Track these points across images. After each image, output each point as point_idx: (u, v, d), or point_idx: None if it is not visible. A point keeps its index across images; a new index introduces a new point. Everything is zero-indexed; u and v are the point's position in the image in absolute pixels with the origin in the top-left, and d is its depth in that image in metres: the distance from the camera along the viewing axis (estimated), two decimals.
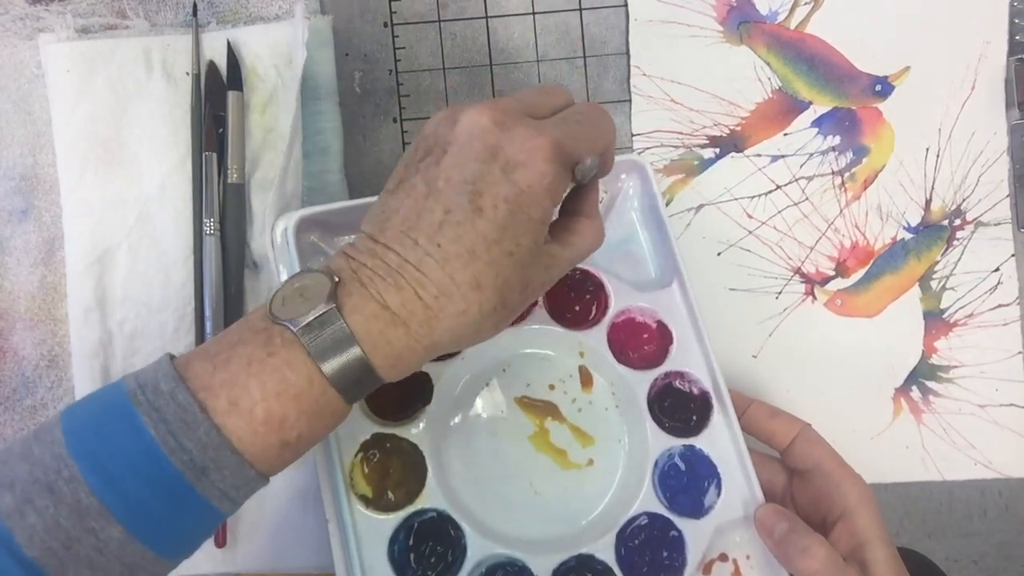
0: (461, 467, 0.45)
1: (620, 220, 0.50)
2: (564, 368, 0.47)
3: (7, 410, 0.50)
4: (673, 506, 0.45)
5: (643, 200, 0.50)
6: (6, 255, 0.51)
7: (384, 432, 0.44)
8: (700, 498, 0.45)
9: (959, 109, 0.54)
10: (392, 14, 0.54)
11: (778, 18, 0.54)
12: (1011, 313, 0.54)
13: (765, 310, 0.54)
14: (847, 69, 0.54)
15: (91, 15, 0.51)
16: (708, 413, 0.46)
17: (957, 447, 0.53)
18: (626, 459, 0.46)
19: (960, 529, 0.53)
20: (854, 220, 0.54)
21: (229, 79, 0.50)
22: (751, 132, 0.54)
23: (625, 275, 0.49)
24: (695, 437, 0.46)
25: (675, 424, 0.46)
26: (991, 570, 0.53)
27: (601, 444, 0.47)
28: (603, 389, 0.47)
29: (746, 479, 0.45)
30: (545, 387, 0.47)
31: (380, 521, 0.43)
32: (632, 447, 0.46)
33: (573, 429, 0.47)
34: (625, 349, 0.47)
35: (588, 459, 0.46)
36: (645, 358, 0.47)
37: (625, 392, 0.47)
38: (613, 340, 0.47)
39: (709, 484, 0.45)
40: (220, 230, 0.49)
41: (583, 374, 0.47)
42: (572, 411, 0.47)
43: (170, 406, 0.31)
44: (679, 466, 0.45)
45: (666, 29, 0.54)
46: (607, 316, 0.47)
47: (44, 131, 0.51)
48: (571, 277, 0.48)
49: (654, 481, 0.45)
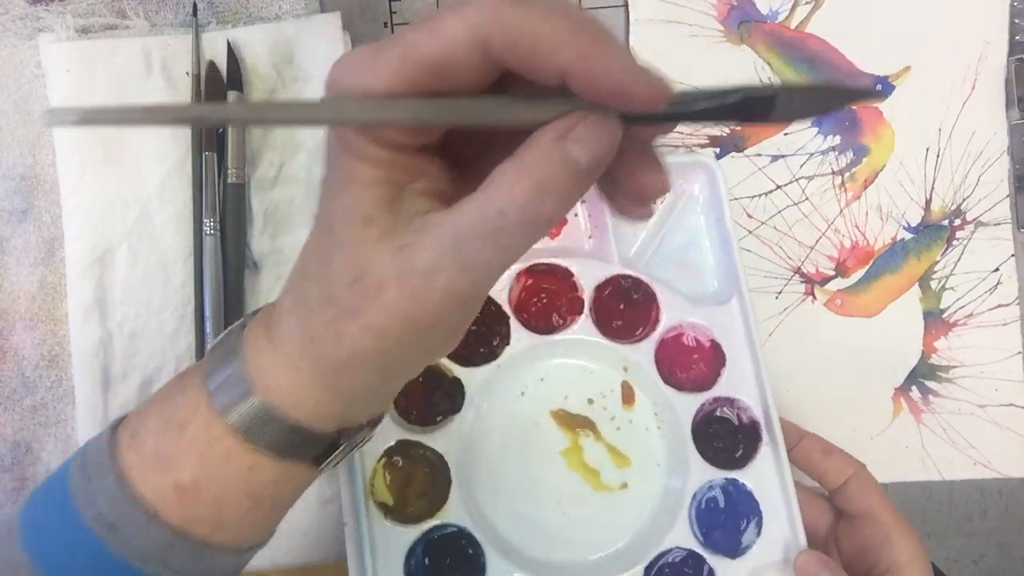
0: (487, 481, 0.44)
1: (682, 223, 0.47)
2: (605, 383, 0.45)
3: (7, 410, 0.50)
4: (708, 542, 0.42)
5: (709, 205, 0.47)
6: (6, 255, 0.51)
7: (410, 439, 0.42)
8: (738, 536, 0.42)
9: (959, 109, 0.54)
10: (392, 14, 0.54)
11: (779, 18, 0.54)
12: (1011, 313, 0.54)
13: (765, 310, 0.54)
14: (848, 69, 0.54)
15: (91, 15, 0.51)
16: (756, 445, 0.43)
17: (957, 447, 0.53)
18: (663, 486, 0.44)
19: (960, 529, 0.53)
20: (854, 220, 0.54)
21: (229, 79, 0.50)
22: (751, 132, 0.54)
23: (680, 286, 0.46)
24: (739, 470, 0.43)
25: (719, 454, 0.43)
26: (991, 570, 0.53)
27: (638, 467, 0.44)
28: (646, 409, 0.45)
29: (789, 520, 0.43)
30: (584, 401, 0.45)
31: (399, 532, 0.41)
32: (671, 474, 0.44)
33: (609, 448, 0.44)
34: (673, 368, 0.45)
35: (622, 482, 0.44)
36: (694, 380, 0.44)
37: (669, 414, 0.44)
38: (661, 357, 0.44)
39: (749, 522, 0.43)
40: (220, 230, 0.49)
41: (625, 390, 0.45)
42: (610, 429, 0.45)
43: (92, 454, 0.29)
44: (719, 500, 0.43)
45: (666, 29, 0.54)
46: (657, 331, 0.44)
47: (44, 131, 0.50)
48: (619, 285, 0.45)
49: (691, 514, 0.42)
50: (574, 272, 0.45)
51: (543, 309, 0.45)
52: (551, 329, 0.44)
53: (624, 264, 0.46)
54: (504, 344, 0.44)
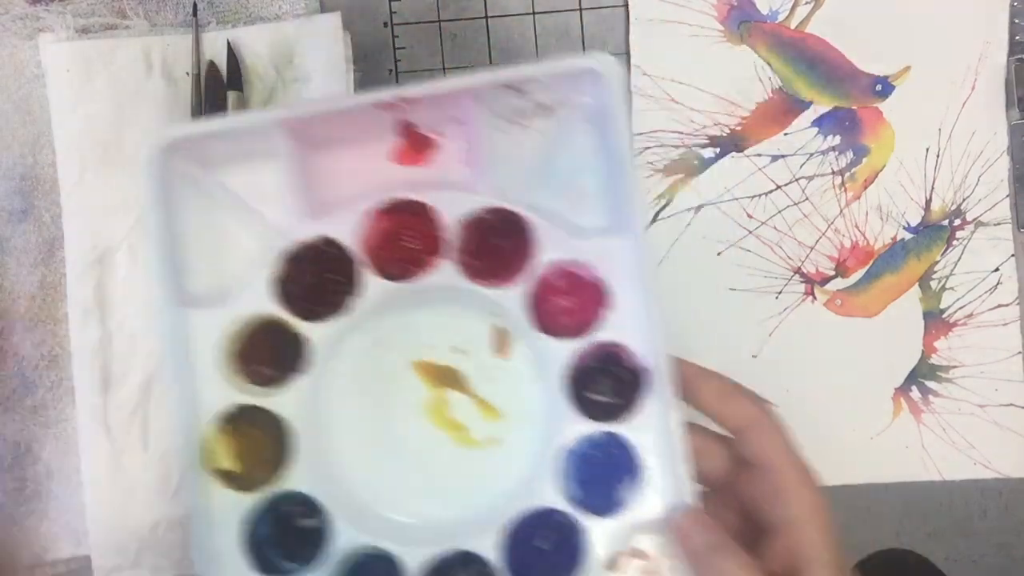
0: (339, 442, 0.39)
1: (567, 142, 0.40)
2: (473, 330, 0.40)
3: (7, 410, 0.50)
4: (579, 501, 0.38)
5: (602, 119, 0.39)
6: (6, 255, 0.51)
7: (249, 403, 0.38)
8: (614, 494, 0.38)
9: (959, 109, 0.54)
10: (392, 14, 0.54)
11: (779, 18, 0.54)
12: (1011, 313, 0.54)
13: (765, 310, 0.54)
14: (848, 69, 0.54)
15: (91, 15, 0.51)
16: (641, 396, 0.38)
17: (957, 447, 0.53)
18: (535, 442, 0.39)
19: (960, 529, 0.53)
20: (854, 220, 0.54)
21: (229, 79, 0.50)
22: (751, 132, 0.54)
23: (568, 218, 0.39)
24: (620, 423, 0.38)
25: (599, 406, 0.38)
26: (991, 570, 0.53)
27: (508, 421, 0.40)
28: (520, 357, 0.40)
29: (674, 476, 0.38)
30: (449, 351, 0.40)
31: (238, 500, 0.38)
32: (544, 428, 0.39)
33: (479, 401, 0.40)
34: (550, 312, 0.39)
35: (491, 437, 0.40)
36: (573, 324, 0.39)
37: (544, 363, 0.39)
38: (537, 300, 0.39)
39: (627, 478, 0.38)
40: None
41: (496, 337, 0.40)
42: (480, 380, 0.40)
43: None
44: (594, 455, 0.38)
45: (666, 28, 0.53)
46: (532, 268, 0.39)
47: (44, 131, 0.50)
48: (487, 220, 0.39)
49: (563, 471, 0.38)
50: (435, 208, 0.39)
51: (400, 252, 0.39)
52: (409, 274, 0.39)
53: (500, 195, 0.39)
54: (353, 294, 0.39)
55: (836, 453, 0.53)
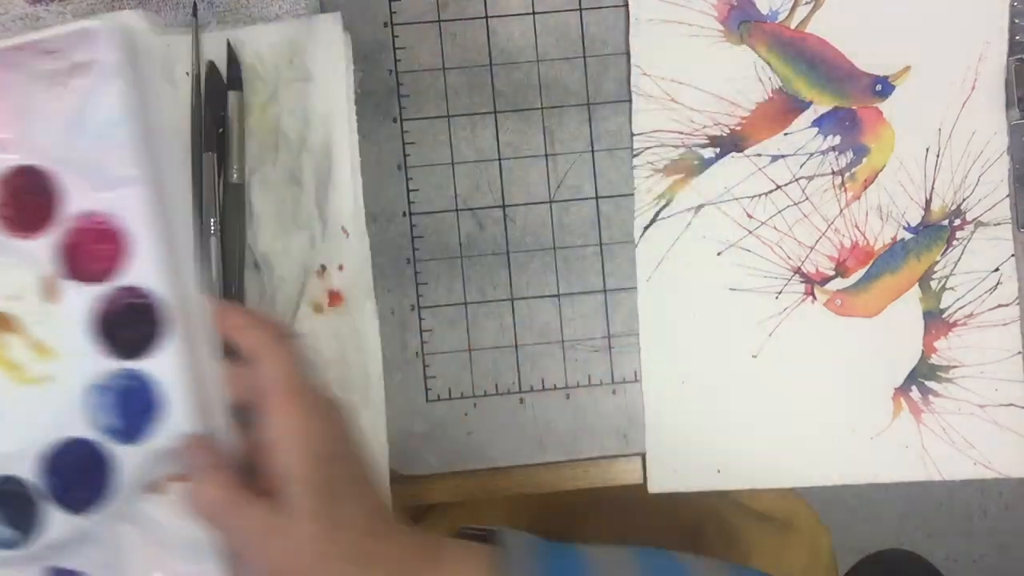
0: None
1: (101, 98, 0.42)
2: (25, 278, 0.44)
3: None
4: (108, 430, 0.43)
5: (128, 72, 0.42)
6: None
7: None
8: (141, 424, 0.43)
9: (959, 109, 0.54)
10: (392, 14, 0.54)
11: (779, 17, 0.54)
12: (1011, 313, 0.54)
13: (765, 310, 0.54)
14: (847, 69, 0.54)
15: (91, 15, 0.51)
16: (161, 334, 0.42)
17: (957, 447, 0.53)
18: (75, 378, 0.44)
19: (960, 529, 0.53)
20: (854, 220, 0.54)
21: (229, 79, 0.50)
22: (751, 132, 0.54)
23: (99, 167, 0.42)
24: (143, 359, 0.43)
25: (123, 344, 0.43)
26: (991, 570, 0.53)
27: (62, 361, 0.44)
28: (69, 303, 0.44)
29: (197, 406, 0.42)
30: (4, 298, 0.44)
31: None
32: (80, 367, 0.44)
33: (32, 343, 0.44)
34: (81, 259, 0.43)
35: (46, 375, 0.44)
36: (100, 269, 0.43)
37: (80, 307, 0.43)
38: (67, 247, 0.43)
39: (153, 410, 0.43)
40: (220, 230, 0.49)
41: (43, 284, 0.44)
42: (32, 323, 0.44)
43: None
44: (120, 389, 0.43)
45: (667, 28, 0.54)
46: (60, 220, 0.43)
47: None
48: (17, 174, 0.43)
49: (93, 403, 0.43)
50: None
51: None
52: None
53: (37, 153, 0.43)
54: None
55: (836, 453, 0.53)
